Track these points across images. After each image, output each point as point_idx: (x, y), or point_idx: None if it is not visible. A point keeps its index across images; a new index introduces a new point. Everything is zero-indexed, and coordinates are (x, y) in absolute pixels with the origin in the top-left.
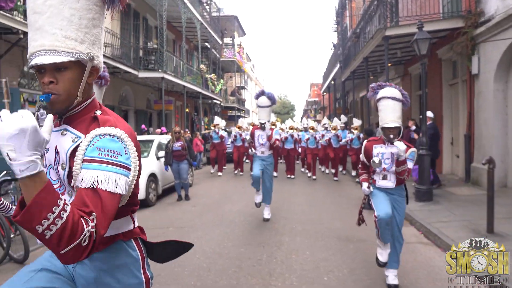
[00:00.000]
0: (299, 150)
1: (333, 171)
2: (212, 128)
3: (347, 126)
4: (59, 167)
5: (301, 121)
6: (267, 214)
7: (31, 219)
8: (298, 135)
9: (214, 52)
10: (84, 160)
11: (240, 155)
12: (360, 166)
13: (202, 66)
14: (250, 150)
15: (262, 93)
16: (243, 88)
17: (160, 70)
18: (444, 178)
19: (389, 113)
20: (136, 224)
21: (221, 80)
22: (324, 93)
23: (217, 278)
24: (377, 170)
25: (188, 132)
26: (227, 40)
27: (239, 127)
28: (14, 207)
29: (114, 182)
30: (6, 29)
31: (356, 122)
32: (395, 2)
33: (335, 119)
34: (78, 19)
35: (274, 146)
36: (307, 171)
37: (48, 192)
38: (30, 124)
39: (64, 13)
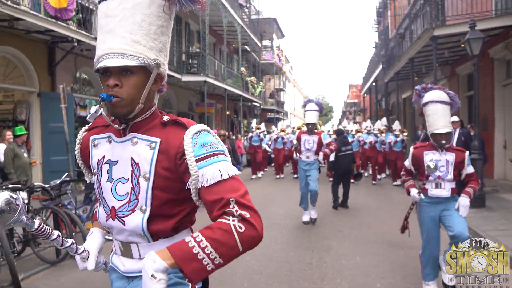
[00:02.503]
0: None
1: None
2: (257, 130)
3: (391, 128)
4: (140, 179)
5: (339, 123)
6: (313, 213)
7: (197, 272)
8: None
9: (254, 55)
10: (197, 160)
11: (280, 157)
12: (403, 172)
13: (242, 69)
14: (294, 155)
15: (309, 100)
16: (281, 90)
17: (202, 74)
18: (496, 184)
19: (439, 118)
20: None
21: (261, 82)
22: (365, 95)
23: (269, 281)
24: (431, 178)
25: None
26: (265, 42)
27: (283, 130)
28: (55, 232)
29: (231, 167)
30: (62, 38)
31: (396, 126)
32: (441, 1)
33: (378, 121)
34: (148, 25)
35: (329, 148)
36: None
37: (182, 250)
38: None
39: (136, 17)
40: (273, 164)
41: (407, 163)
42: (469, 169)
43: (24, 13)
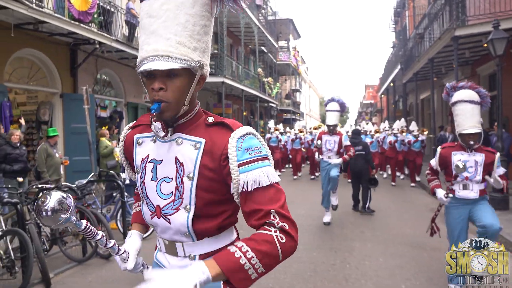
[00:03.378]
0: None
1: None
2: (276, 132)
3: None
4: (184, 178)
5: (355, 124)
6: (334, 200)
7: (242, 281)
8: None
9: (270, 55)
10: (239, 165)
11: (298, 157)
12: (428, 171)
13: (259, 70)
14: (316, 156)
15: (332, 99)
16: (297, 91)
17: (219, 75)
18: None
19: (467, 118)
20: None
21: (277, 83)
22: (382, 95)
23: (294, 282)
24: (458, 178)
25: None
26: (281, 43)
27: (301, 131)
28: (100, 232)
29: (273, 174)
30: (84, 40)
31: (413, 126)
32: (462, 1)
33: (397, 122)
34: (191, 26)
35: (348, 154)
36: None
37: (221, 255)
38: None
39: (180, 18)
40: (290, 165)
41: (433, 162)
42: (499, 170)
43: (49, 16)
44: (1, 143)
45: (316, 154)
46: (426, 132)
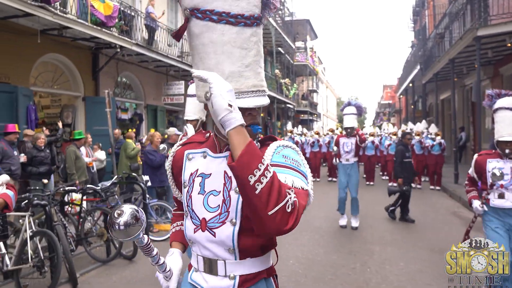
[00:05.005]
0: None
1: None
2: (289, 134)
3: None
4: (232, 192)
5: (373, 124)
6: (355, 222)
7: (244, 166)
8: (380, 141)
9: (287, 56)
10: (271, 165)
11: (316, 160)
12: (467, 182)
13: (277, 71)
14: (334, 160)
15: (348, 103)
16: (314, 91)
17: None
18: None
19: (506, 125)
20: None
21: (295, 84)
22: (401, 96)
23: (314, 285)
24: (494, 186)
25: None
26: (298, 43)
27: (317, 133)
28: (155, 249)
29: (302, 182)
30: (105, 44)
31: (432, 128)
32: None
33: (418, 124)
34: (262, 52)
35: (362, 141)
36: (387, 177)
37: (255, 146)
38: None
39: (260, 50)
40: None
41: (471, 170)
42: None
43: (73, 21)
44: (29, 147)
45: (334, 159)
46: (439, 137)
